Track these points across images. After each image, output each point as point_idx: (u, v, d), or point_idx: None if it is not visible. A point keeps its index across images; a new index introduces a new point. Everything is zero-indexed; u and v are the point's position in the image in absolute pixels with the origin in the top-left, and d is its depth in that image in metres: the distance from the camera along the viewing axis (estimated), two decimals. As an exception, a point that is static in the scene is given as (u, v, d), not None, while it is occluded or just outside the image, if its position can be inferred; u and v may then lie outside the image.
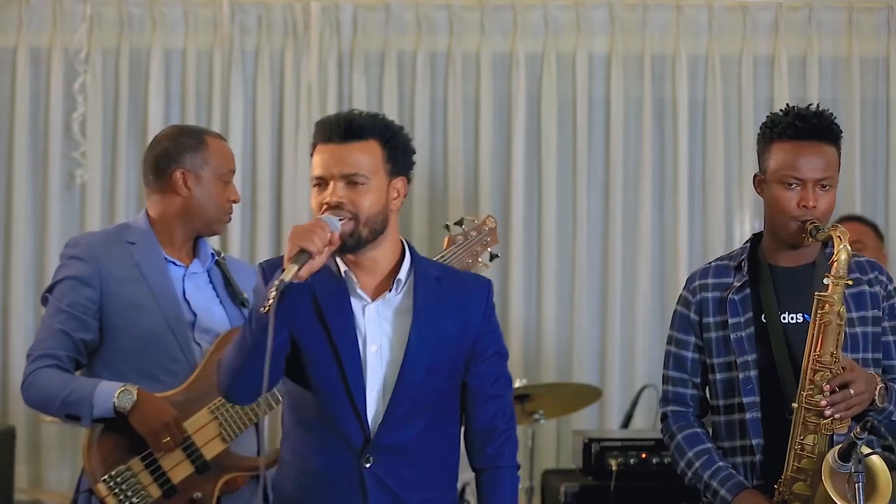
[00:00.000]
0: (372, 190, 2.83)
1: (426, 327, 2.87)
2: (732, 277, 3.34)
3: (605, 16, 5.68)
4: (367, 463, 2.85)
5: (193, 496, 3.39)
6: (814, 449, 3.14)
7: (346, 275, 2.88)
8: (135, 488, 3.38)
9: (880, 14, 5.69)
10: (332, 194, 2.81)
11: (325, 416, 2.86)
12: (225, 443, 3.43)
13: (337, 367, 2.84)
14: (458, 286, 2.97)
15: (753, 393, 3.25)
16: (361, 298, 2.89)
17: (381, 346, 2.88)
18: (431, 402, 2.89)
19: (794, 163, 3.22)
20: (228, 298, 3.60)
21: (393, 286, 2.89)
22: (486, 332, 2.97)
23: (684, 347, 3.37)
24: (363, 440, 2.85)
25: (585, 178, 5.67)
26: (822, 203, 3.23)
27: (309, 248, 2.70)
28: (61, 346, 3.45)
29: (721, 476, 3.26)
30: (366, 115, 2.90)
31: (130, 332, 3.48)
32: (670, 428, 3.38)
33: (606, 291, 5.65)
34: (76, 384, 3.41)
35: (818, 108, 3.30)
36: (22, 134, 5.61)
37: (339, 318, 2.85)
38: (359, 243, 2.83)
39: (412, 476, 2.88)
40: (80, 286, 3.48)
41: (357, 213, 2.81)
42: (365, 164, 2.83)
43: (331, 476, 2.87)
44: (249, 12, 5.66)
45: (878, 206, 5.72)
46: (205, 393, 3.43)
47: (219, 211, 3.59)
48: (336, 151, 2.83)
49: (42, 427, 5.42)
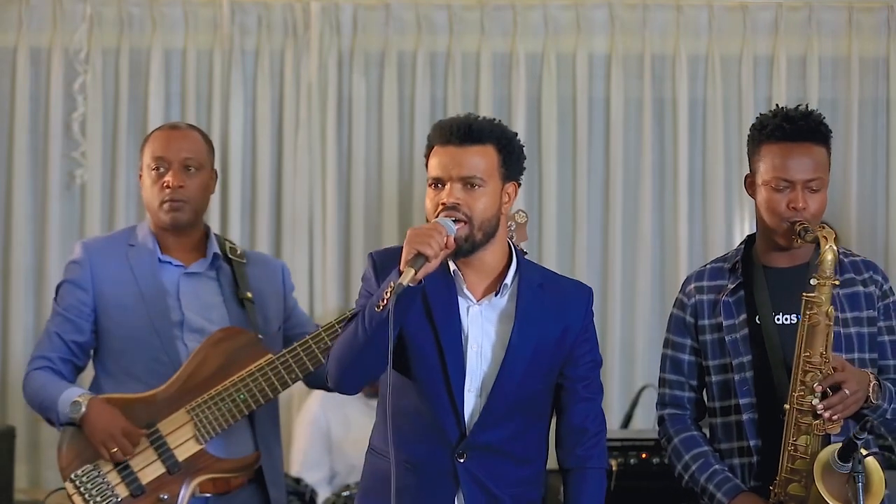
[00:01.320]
0: (488, 193, 2.92)
1: (527, 333, 2.96)
2: (727, 279, 3.34)
3: (605, 16, 5.68)
4: (461, 458, 2.95)
5: (160, 496, 3.40)
6: (807, 450, 3.14)
7: (455, 274, 2.98)
8: (100, 487, 3.40)
9: (880, 14, 5.69)
10: (450, 195, 2.90)
11: (424, 408, 2.96)
12: (200, 444, 3.43)
13: (440, 362, 2.94)
14: (560, 293, 3.05)
15: (749, 394, 3.26)
16: (468, 299, 2.98)
17: (482, 347, 2.97)
18: (526, 403, 2.98)
19: (783, 165, 3.22)
20: (233, 297, 3.60)
21: (500, 290, 2.98)
22: (584, 339, 3.06)
23: (680, 350, 3.38)
24: (458, 436, 2.95)
25: (585, 178, 5.67)
26: (813, 204, 3.23)
27: (426, 252, 2.80)
28: (54, 349, 3.53)
29: (717, 479, 3.26)
30: (485, 120, 2.99)
31: (117, 333, 3.51)
32: (667, 431, 3.38)
33: (606, 291, 5.65)
34: (50, 389, 3.47)
35: (807, 108, 3.29)
36: (22, 134, 5.60)
37: (446, 316, 2.95)
38: (473, 247, 2.93)
39: (504, 472, 2.97)
40: (74, 289, 3.54)
41: (472, 216, 2.90)
42: (482, 168, 2.92)
43: (424, 467, 2.96)
44: (249, 12, 5.66)
45: (877, 205, 5.72)
46: (185, 393, 3.44)
47: (153, 201, 3.56)
48: (455, 154, 2.92)
49: (42, 427, 5.40)
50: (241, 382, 3.44)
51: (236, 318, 3.56)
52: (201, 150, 3.59)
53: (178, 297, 3.55)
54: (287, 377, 3.45)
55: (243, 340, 3.49)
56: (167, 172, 3.52)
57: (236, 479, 3.50)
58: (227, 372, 3.45)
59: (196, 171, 3.55)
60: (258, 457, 3.51)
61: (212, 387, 3.44)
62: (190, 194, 3.54)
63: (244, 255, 3.68)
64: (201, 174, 3.57)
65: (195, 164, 3.55)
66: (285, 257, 5.51)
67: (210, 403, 3.43)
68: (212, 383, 3.44)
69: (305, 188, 5.61)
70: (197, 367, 3.46)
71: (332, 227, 5.59)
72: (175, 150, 3.54)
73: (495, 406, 2.94)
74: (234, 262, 3.63)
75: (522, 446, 3.00)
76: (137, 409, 3.44)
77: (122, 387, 3.49)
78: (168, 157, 3.53)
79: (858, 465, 2.98)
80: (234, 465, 3.47)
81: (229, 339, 3.48)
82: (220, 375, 3.45)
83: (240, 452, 3.49)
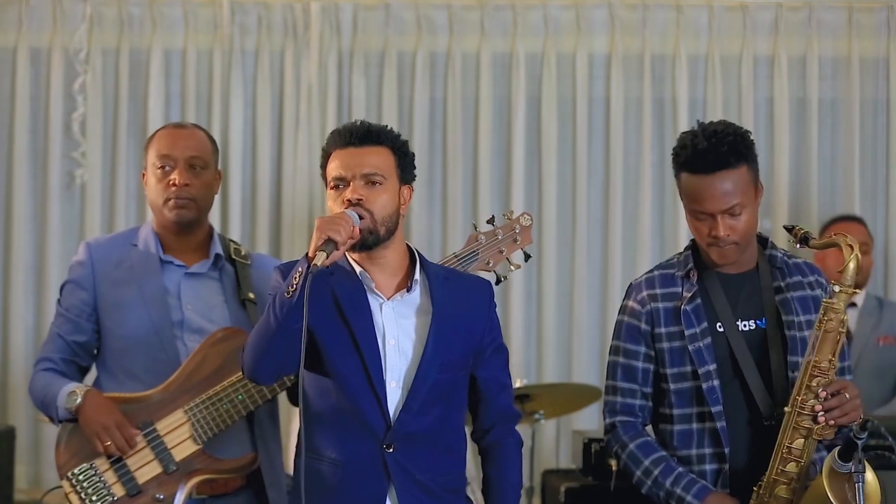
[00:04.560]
0: (388, 191, 3.06)
1: (442, 324, 3.08)
2: (681, 287, 3.33)
3: (605, 16, 5.69)
4: (389, 449, 3.02)
5: (156, 496, 3.40)
6: (801, 453, 3.15)
7: (363, 275, 3.08)
8: (96, 486, 3.40)
9: (880, 14, 5.70)
10: (353, 192, 3.03)
11: (348, 405, 3.03)
12: (197, 444, 3.44)
13: (359, 360, 3.02)
14: (463, 286, 3.18)
15: (719, 402, 3.25)
16: (378, 297, 3.08)
17: (399, 341, 3.06)
18: (445, 392, 3.09)
19: (698, 197, 3.21)
20: (235, 298, 3.60)
21: (411, 286, 3.08)
22: (489, 328, 3.18)
23: (633, 357, 3.36)
24: (385, 427, 3.02)
25: (585, 178, 5.67)
26: (737, 228, 3.21)
27: (335, 238, 2.92)
28: (57, 350, 3.54)
29: (684, 482, 3.25)
30: (379, 125, 3.14)
31: (118, 333, 3.52)
32: (620, 438, 3.36)
33: (606, 291, 5.65)
34: (52, 387, 3.49)
35: (722, 130, 3.22)
36: (22, 134, 5.61)
37: (358, 314, 3.05)
38: (377, 240, 3.04)
39: (430, 461, 3.07)
40: (76, 289, 3.55)
41: (374, 211, 3.02)
42: (381, 166, 3.07)
43: (354, 463, 3.03)
44: (249, 12, 5.66)
45: (877, 206, 5.72)
46: (183, 393, 3.44)
47: (159, 199, 3.56)
48: (356, 154, 3.07)
49: (42, 427, 5.41)
50: (239, 383, 3.44)
51: (238, 318, 3.56)
52: (207, 150, 3.60)
53: (180, 297, 3.55)
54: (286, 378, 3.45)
55: (243, 341, 3.46)
56: (173, 171, 3.52)
57: (234, 481, 3.50)
58: (226, 372, 3.45)
59: (201, 170, 3.55)
60: (255, 458, 3.50)
61: (210, 387, 3.44)
62: (195, 192, 3.54)
63: (248, 256, 3.68)
64: (206, 173, 3.57)
65: (201, 163, 3.55)
66: (285, 257, 5.51)
67: (208, 404, 3.43)
68: (210, 383, 3.45)
69: (305, 188, 5.62)
70: (196, 367, 3.46)
71: (331, 227, 5.58)
72: (181, 148, 3.55)
73: (418, 395, 3.03)
74: (238, 263, 3.63)
75: (445, 434, 3.10)
76: (135, 408, 3.44)
77: (122, 386, 3.49)
78: (174, 155, 3.54)
79: (859, 464, 2.98)
80: (231, 465, 3.47)
81: (229, 339, 3.48)
82: (219, 376, 3.45)
83: (238, 453, 3.49)
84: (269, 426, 3.60)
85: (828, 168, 5.73)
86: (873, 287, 5.56)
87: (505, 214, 3.56)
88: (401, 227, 3.12)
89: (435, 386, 3.05)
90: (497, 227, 3.51)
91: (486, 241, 3.50)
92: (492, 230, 3.51)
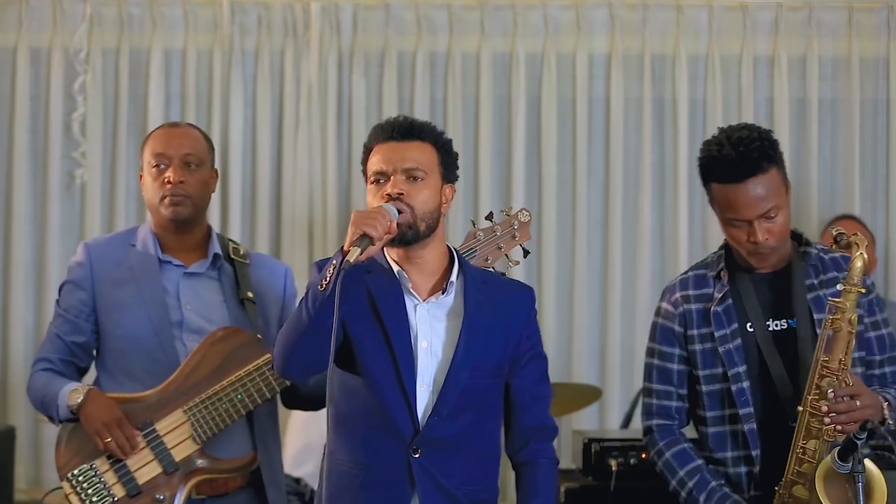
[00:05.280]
0: (429, 186, 3.00)
1: (475, 328, 3.01)
2: (713, 287, 3.33)
3: (605, 16, 5.68)
4: (415, 454, 2.96)
5: (156, 496, 3.40)
6: (815, 454, 3.14)
7: (400, 275, 3.02)
8: (96, 487, 3.40)
9: (880, 14, 5.70)
10: (394, 186, 2.97)
11: (376, 407, 2.97)
12: (197, 444, 3.43)
13: (390, 359, 2.96)
14: (503, 290, 3.11)
15: (748, 404, 3.24)
16: (413, 297, 3.02)
17: (432, 344, 3.00)
18: (477, 399, 3.01)
19: (733, 206, 3.21)
20: (234, 298, 3.59)
21: (446, 288, 3.02)
22: (528, 335, 3.10)
23: (669, 360, 3.36)
24: (412, 432, 2.97)
25: (585, 178, 5.67)
26: (775, 230, 3.22)
27: (371, 234, 2.84)
28: (55, 350, 3.54)
29: (716, 497, 3.25)
30: (422, 121, 3.08)
31: (116, 333, 3.52)
32: (657, 444, 3.36)
33: (606, 291, 5.65)
34: (52, 386, 3.48)
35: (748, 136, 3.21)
36: (22, 134, 5.61)
37: (393, 314, 2.99)
38: (417, 236, 2.98)
39: (457, 469, 3.00)
40: (74, 290, 3.55)
41: (414, 206, 2.96)
42: (423, 161, 3.00)
43: (379, 466, 2.98)
44: (249, 12, 5.66)
45: (878, 206, 5.72)
46: (182, 393, 3.44)
47: (154, 197, 3.56)
48: (397, 148, 3.01)
49: (42, 427, 5.41)
50: (238, 382, 3.44)
51: (237, 318, 3.56)
52: (201, 147, 3.59)
53: (178, 297, 3.54)
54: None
55: (242, 340, 3.49)
56: (168, 169, 3.52)
57: (233, 481, 3.49)
58: (226, 372, 3.45)
59: (196, 168, 3.55)
60: (255, 457, 3.50)
61: (210, 386, 3.44)
62: (190, 190, 3.53)
63: (247, 255, 3.68)
64: (202, 171, 3.57)
65: (195, 161, 3.55)
66: (285, 257, 5.51)
67: (207, 403, 3.43)
68: (210, 383, 3.44)
69: (305, 188, 5.61)
70: (195, 367, 3.46)
71: (332, 227, 5.59)
72: (175, 146, 3.55)
73: (448, 400, 2.97)
74: (237, 263, 3.63)
75: (475, 443, 3.02)
76: (135, 408, 3.44)
77: (122, 387, 3.49)
78: (168, 153, 3.54)
79: (858, 464, 2.97)
80: (231, 465, 3.47)
81: (228, 338, 3.48)
82: (219, 375, 3.45)
83: (238, 453, 3.49)
84: (269, 426, 3.59)
85: (828, 168, 5.72)
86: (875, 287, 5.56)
87: (503, 210, 3.54)
88: (442, 227, 3.06)
89: (466, 391, 2.98)
90: (495, 223, 3.50)
91: (484, 238, 3.49)
92: (490, 227, 3.50)
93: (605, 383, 5.56)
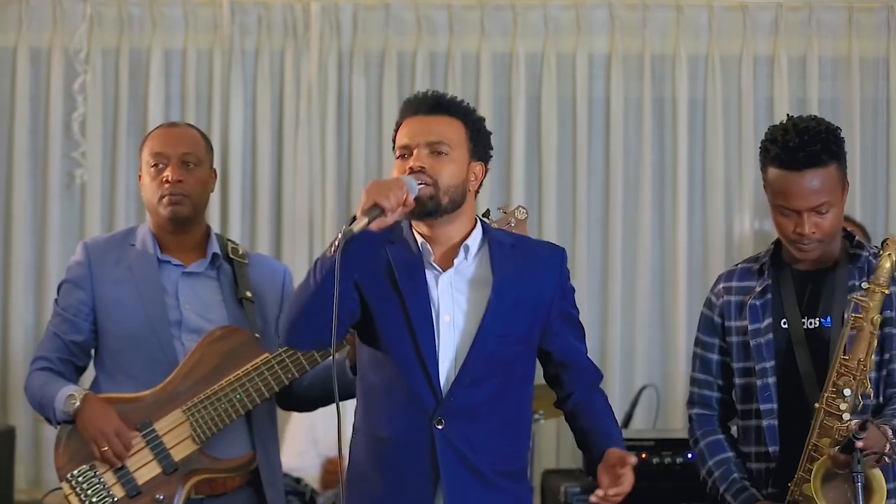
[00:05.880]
0: (454, 161, 2.95)
1: (504, 296, 2.95)
2: (755, 281, 3.33)
3: (605, 16, 5.68)
4: (438, 425, 2.91)
5: (156, 497, 3.40)
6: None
7: (423, 247, 2.97)
8: (95, 488, 3.40)
9: (880, 14, 5.69)
10: (416, 159, 2.92)
11: (398, 381, 2.93)
12: (196, 444, 3.43)
13: (409, 335, 2.92)
14: (533, 253, 3.05)
15: (771, 400, 3.24)
16: (435, 270, 2.97)
17: (455, 317, 2.95)
18: (503, 366, 2.96)
19: (785, 193, 3.18)
20: (232, 297, 3.59)
21: (460, 252, 2.97)
22: (562, 296, 3.06)
23: (709, 350, 3.37)
24: (434, 402, 2.91)
25: (585, 178, 5.67)
26: (823, 226, 3.19)
27: (382, 204, 2.78)
28: (54, 349, 3.53)
29: (735, 489, 3.27)
30: (453, 97, 3.03)
31: (115, 333, 3.52)
32: (695, 433, 3.38)
33: (606, 291, 5.65)
34: (49, 388, 3.48)
35: (814, 127, 3.20)
36: (22, 134, 5.60)
37: (412, 287, 2.94)
38: (438, 208, 2.93)
39: (482, 440, 2.93)
40: (73, 289, 3.55)
41: (437, 180, 2.91)
42: (449, 136, 2.96)
43: (402, 439, 2.93)
44: (249, 12, 5.66)
45: (878, 206, 5.72)
46: (181, 393, 3.44)
47: (153, 196, 3.55)
48: (423, 122, 2.97)
49: (42, 427, 5.41)
50: (237, 382, 3.44)
51: (235, 317, 3.56)
52: (200, 147, 3.59)
53: (177, 296, 3.54)
54: (283, 376, 3.45)
55: (240, 339, 3.49)
56: (166, 168, 3.52)
57: (233, 481, 3.49)
58: (224, 371, 3.44)
59: (195, 167, 3.55)
60: (254, 457, 3.50)
61: (208, 386, 3.44)
62: (189, 189, 3.53)
63: (245, 255, 3.68)
64: (200, 170, 3.57)
65: (194, 160, 3.55)
66: (285, 257, 5.51)
67: (206, 403, 3.43)
68: (208, 383, 3.44)
69: (305, 188, 5.61)
70: (193, 367, 3.46)
71: (331, 227, 5.59)
72: (173, 145, 3.55)
73: (471, 369, 2.92)
74: (235, 263, 3.62)
75: (501, 410, 2.97)
76: (133, 408, 3.44)
77: (120, 387, 3.49)
78: (166, 152, 3.54)
79: (857, 464, 2.97)
80: (230, 465, 3.47)
81: (226, 338, 3.48)
82: (217, 375, 3.44)
83: (237, 452, 3.49)
84: (268, 425, 3.59)
85: (828, 168, 5.72)
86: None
87: (500, 208, 3.54)
88: (470, 205, 3.02)
89: (490, 359, 2.92)
90: (492, 220, 3.50)
91: None
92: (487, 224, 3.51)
93: (606, 383, 5.49)
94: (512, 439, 3.01)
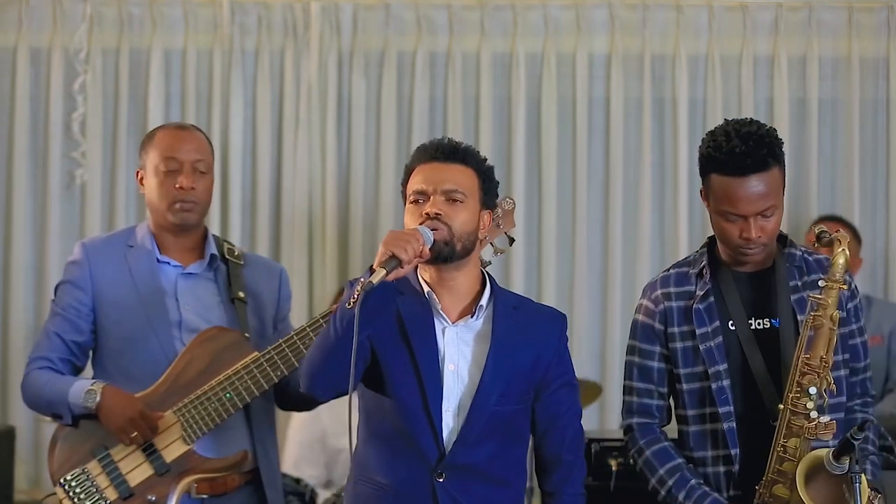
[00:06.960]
0: (468, 209, 3.01)
1: (502, 353, 3.01)
2: (695, 285, 3.30)
3: (605, 16, 5.69)
4: (440, 478, 2.97)
5: (148, 498, 3.40)
6: (795, 452, 3.11)
7: (430, 296, 3.03)
8: (89, 491, 3.40)
9: (880, 14, 5.69)
10: (433, 206, 2.97)
11: (402, 429, 2.99)
12: (187, 444, 3.43)
13: (417, 382, 2.98)
14: (534, 317, 3.11)
15: (728, 403, 3.22)
16: (443, 320, 3.02)
17: (459, 367, 3.01)
18: (503, 424, 3.02)
19: (732, 199, 3.16)
20: (228, 298, 3.59)
21: (476, 312, 3.03)
22: (557, 363, 3.11)
23: (649, 357, 3.33)
24: (437, 456, 2.98)
25: (585, 178, 5.67)
26: (768, 228, 3.18)
27: (400, 256, 2.86)
28: (53, 349, 3.52)
29: (696, 496, 3.22)
30: (468, 146, 3.09)
31: (115, 333, 3.51)
32: (637, 442, 3.34)
33: (606, 291, 5.65)
34: (57, 385, 3.46)
35: (756, 132, 3.18)
36: (22, 134, 5.61)
37: (421, 335, 3.00)
38: (453, 254, 2.98)
39: (483, 494, 3.01)
40: (73, 289, 3.54)
41: (452, 226, 2.97)
42: (464, 184, 3.01)
43: (403, 488, 2.99)
44: (249, 12, 5.66)
45: (877, 206, 5.72)
46: (172, 394, 3.44)
47: (163, 201, 3.54)
48: (439, 169, 3.02)
49: (42, 427, 5.41)
50: (226, 381, 3.44)
51: (233, 318, 3.56)
52: (209, 153, 3.60)
53: (177, 297, 3.54)
54: (272, 374, 3.45)
55: (229, 339, 3.49)
56: (178, 174, 3.51)
57: (233, 480, 3.49)
58: (214, 371, 3.44)
59: (204, 174, 3.56)
60: (245, 455, 3.50)
61: (198, 387, 3.43)
62: (199, 197, 3.54)
63: (242, 256, 3.67)
64: (208, 176, 3.57)
65: (204, 167, 3.55)
66: (284, 257, 5.52)
67: (196, 403, 3.43)
68: (198, 383, 3.44)
69: (305, 188, 5.62)
70: (184, 368, 3.46)
71: (331, 227, 5.59)
72: (186, 151, 3.54)
73: (473, 425, 2.98)
74: (230, 263, 3.62)
75: (501, 468, 3.03)
76: None
77: (120, 387, 3.48)
78: (180, 157, 3.52)
79: (856, 465, 2.96)
80: (222, 464, 3.47)
81: (216, 338, 3.48)
82: (207, 375, 3.44)
83: (233, 452, 3.49)
84: (266, 425, 3.59)
85: (828, 168, 5.72)
86: (871, 287, 5.56)
87: None
88: (477, 253, 3.07)
89: (492, 417, 2.99)
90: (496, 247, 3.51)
91: None
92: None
93: (605, 383, 5.56)
94: (510, 497, 3.07)
